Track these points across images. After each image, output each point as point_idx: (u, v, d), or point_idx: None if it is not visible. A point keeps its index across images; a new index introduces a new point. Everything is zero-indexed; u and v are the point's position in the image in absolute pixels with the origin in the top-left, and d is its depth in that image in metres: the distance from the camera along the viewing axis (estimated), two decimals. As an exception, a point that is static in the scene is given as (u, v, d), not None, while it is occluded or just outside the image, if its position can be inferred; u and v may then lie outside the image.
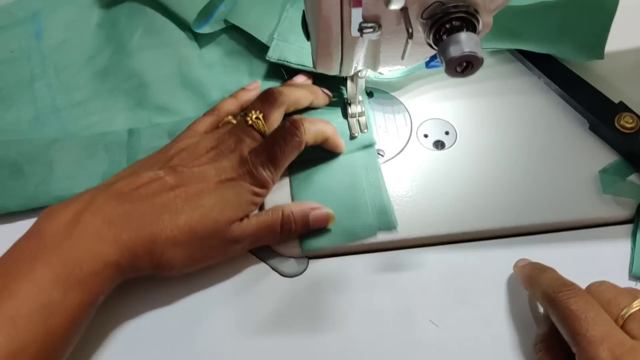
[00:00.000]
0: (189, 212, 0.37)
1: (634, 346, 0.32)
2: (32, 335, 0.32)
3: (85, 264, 0.34)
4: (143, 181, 0.38)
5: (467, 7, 0.29)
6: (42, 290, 0.33)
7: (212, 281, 0.42)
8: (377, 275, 0.42)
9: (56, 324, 0.33)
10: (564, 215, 0.44)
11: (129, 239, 0.36)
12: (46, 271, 0.33)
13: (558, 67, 0.50)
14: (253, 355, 0.39)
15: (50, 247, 0.34)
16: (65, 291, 0.33)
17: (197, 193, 0.38)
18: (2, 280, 0.33)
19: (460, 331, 0.40)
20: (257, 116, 0.42)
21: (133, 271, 0.37)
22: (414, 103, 0.50)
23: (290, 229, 0.41)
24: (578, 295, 0.34)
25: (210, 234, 0.38)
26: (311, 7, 0.34)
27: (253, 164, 0.40)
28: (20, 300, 0.32)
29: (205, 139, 0.42)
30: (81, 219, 0.35)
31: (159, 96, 0.50)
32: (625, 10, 0.52)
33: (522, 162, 0.46)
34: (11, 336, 0.31)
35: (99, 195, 0.37)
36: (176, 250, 0.37)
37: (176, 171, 0.39)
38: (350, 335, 0.40)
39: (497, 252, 0.43)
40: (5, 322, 0.31)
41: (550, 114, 0.49)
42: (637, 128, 0.45)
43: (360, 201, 0.43)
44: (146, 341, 0.39)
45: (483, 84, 0.50)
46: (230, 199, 0.39)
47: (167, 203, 0.37)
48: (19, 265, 0.34)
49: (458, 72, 0.30)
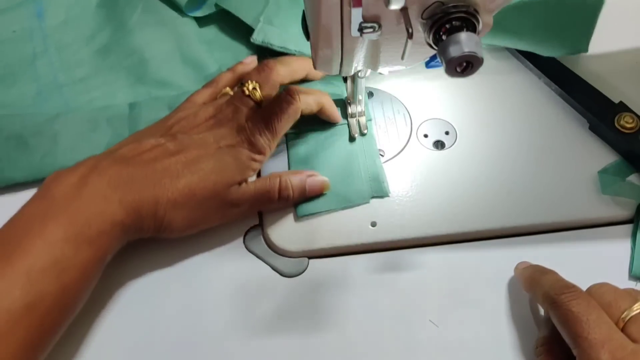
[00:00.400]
0: (189, 176, 0.39)
1: (634, 349, 0.32)
2: (47, 289, 0.33)
3: (93, 223, 0.36)
4: (145, 147, 0.40)
5: (467, 7, 0.29)
6: (54, 248, 0.34)
7: (212, 281, 0.42)
8: (377, 275, 0.42)
9: (69, 280, 0.35)
10: (564, 215, 0.44)
11: (133, 200, 0.37)
12: (57, 229, 0.35)
13: (558, 67, 0.50)
14: (253, 355, 0.39)
15: (60, 207, 0.36)
16: (76, 248, 0.35)
17: (197, 158, 0.40)
18: (15, 238, 0.34)
19: (460, 331, 0.40)
20: (253, 86, 0.43)
21: (137, 232, 0.39)
22: (414, 103, 0.50)
23: (288, 196, 0.43)
24: (579, 298, 0.34)
25: (209, 196, 0.40)
26: (311, 7, 0.34)
27: (251, 131, 0.42)
28: (34, 257, 0.34)
29: (204, 108, 0.44)
30: (88, 181, 0.37)
31: (158, 72, 0.52)
32: (625, 10, 0.52)
33: (522, 162, 0.46)
34: (27, 290, 0.33)
35: (103, 160, 0.39)
36: (176, 213, 0.39)
37: (176, 138, 0.41)
38: (350, 335, 0.40)
39: (497, 252, 0.43)
40: (21, 277, 0.33)
41: (549, 113, 0.49)
42: (637, 128, 0.45)
43: (354, 169, 0.45)
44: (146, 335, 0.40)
45: (483, 84, 0.51)
46: (228, 163, 0.41)
47: (167, 168, 0.39)
48: (30, 224, 0.35)
49: (458, 72, 0.30)
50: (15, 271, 0.33)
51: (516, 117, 0.49)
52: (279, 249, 0.43)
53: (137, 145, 0.40)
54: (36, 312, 0.33)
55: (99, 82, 0.52)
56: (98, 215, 0.36)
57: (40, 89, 0.51)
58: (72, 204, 0.36)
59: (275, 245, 0.43)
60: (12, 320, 0.32)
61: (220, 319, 0.40)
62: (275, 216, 0.44)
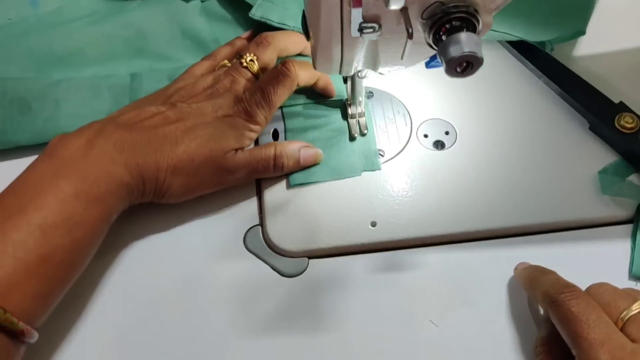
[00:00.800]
0: (187, 142, 0.41)
1: (634, 349, 0.32)
2: (60, 243, 0.35)
3: (102, 182, 0.37)
4: (146, 115, 0.41)
5: (467, 7, 0.29)
6: (66, 204, 0.35)
7: (212, 281, 0.42)
8: (377, 275, 0.42)
9: (79, 235, 0.36)
10: (563, 215, 0.44)
11: (137, 164, 0.39)
12: (68, 186, 0.36)
13: (558, 67, 0.50)
14: (253, 355, 0.39)
15: (69, 166, 0.37)
16: (86, 205, 0.36)
17: (195, 125, 0.41)
18: (28, 194, 0.35)
19: (460, 331, 0.40)
20: (251, 58, 0.45)
21: (140, 195, 0.40)
22: (414, 103, 0.50)
23: (282, 165, 0.44)
24: (579, 297, 0.34)
25: (206, 162, 0.41)
26: (311, 7, 0.34)
27: (248, 102, 0.43)
28: (47, 212, 0.35)
29: (203, 79, 0.45)
30: (95, 143, 0.38)
31: (158, 45, 0.53)
32: (625, 10, 0.52)
33: (522, 162, 0.46)
34: (40, 242, 0.34)
35: (107, 125, 0.40)
36: (175, 178, 0.40)
37: (176, 107, 0.42)
38: (350, 335, 0.40)
39: (497, 252, 0.43)
40: (35, 230, 0.34)
41: (550, 113, 0.49)
42: (637, 128, 0.45)
43: (347, 143, 0.47)
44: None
45: (483, 84, 0.51)
46: (225, 131, 0.42)
47: (167, 134, 0.40)
48: (41, 181, 0.36)
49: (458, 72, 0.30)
50: (29, 224, 0.34)
51: (516, 117, 0.49)
52: (279, 249, 0.43)
53: (138, 112, 0.41)
54: (49, 264, 0.34)
55: (97, 53, 0.52)
56: (106, 176, 0.37)
57: (39, 63, 0.51)
58: (81, 164, 0.37)
59: (275, 245, 0.43)
60: (27, 270, 0.33)
61: (220, 319, 0.40)
62: (275, 216, 0.44)
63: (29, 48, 0.51)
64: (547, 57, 0.51)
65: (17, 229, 0.34)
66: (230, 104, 0.43)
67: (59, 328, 0.40)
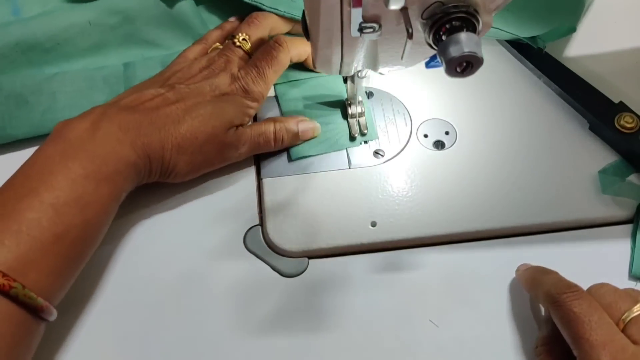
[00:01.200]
0: (190, 121, 0.41)
1: (635, 352, 0.32)
2: (73, 222, 0.35)
3: (110, 162, 0.38)
4: (147, 97, 0.42)
5: (467, 7, 0.29)
6: (76, 184, 0.36)
7: (212, 281, 0.42)
8: (377, 275, 0.42)
9: (91, 214, 0.36)
10: (564, 215, 0.44)
11: (142, 144, 0.39)
12: (78, 167, 0.36)
13: (558, 67, 0.50)
14: (253, 355, 0.39)
15: (77, 147, 0.37)
16: (96, 185, 0.37)
17: (195, 105, 0.42)
18: (38, 176, 0.36)
19: (460, 331, 0.40)
20: (243, 37, 0.47)
21: (147, 175, 0.41)
22: (414, 103, 0.50)
23: (283, 138, 0.46)
24: (582, 298, 0.34)
25: (209, 139, 0.42)
26: (311, 7, 0.34)
27: (244, 79, 0.45)
28: (58, 192, 0.35)
29: (197, 61, 0.46)
30: (100, 125, 0.39)
31: (147, 32, 0.53)
32: (625, 10, 0.52)
33: (522, 162, 0.46)
34: (54, 221, 0.35)
35: (110, 108, 0.40)
36: (180, 157, 0.41)
37: (174, 88, 0.43)
38: (350, 335, 0.40)
39: (497, 252, 0.43)
40: (48, 209, 0.35)
41: (550, 113, 0.49)
42: (637, 128, 0.45)
43: (343, 119, 0.48)
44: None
45: (483, 84, 0.50)
46: (225, 108, 0.43)
47: (169, 114, 0.41)
48: (50, 163, 0.37)
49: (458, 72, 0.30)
50: (42, 203, 0.35)
51: (516, 117, 0.49)
52: (279, 249, 0.43)
53: (138, 95, 0.42)
54: (64, 242, 0.35)
55: (88, 44, 0.52)
56: (113, 156, 0.38)
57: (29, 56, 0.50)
58: (88, 145, 0.38)
59: (275, 245, 0.43)
60: (42, 249, 0.34)
61: (219, 319, 0.40)
62: (275, 216, 0.44)
63: (16, 43, 0.51)
64: (548, 57, 0.51)
65: (30, 209, 0.34)
66: (227, 83, 0.44)
67: (59, 328, 0.40)
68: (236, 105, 0.44)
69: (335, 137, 0.47)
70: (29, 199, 0.35)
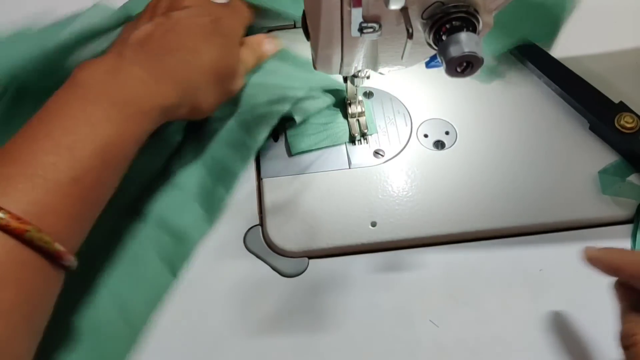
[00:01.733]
0: (207, 53, 0.41)
1: None
2: (91, 164, 0.34)
3: (133, 103, 0.36)
4: (148, 31, 0.41)
5: (468, 7, 0.29)
6: (96, 127, 0.35)
7: (212, 280, 0.42)
8: (377, 275, 0.42)
9: (110, 157, 0.35)
10: (564, 215, 0.44)
11: (166, 83, 0.38)
12: (97, 110, 0.35)
13: (558, 67, 0.50)
14: (253, 355, 0.39)
15: (98, 90, 0.36)
16: (117, 126, 0.35)
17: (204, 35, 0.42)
18: (55, 120, 0.34)
19: (460, 331, 0.40)
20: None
21: (173, 114, 0.40)
22: (414, 103, 0.50)
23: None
24: None
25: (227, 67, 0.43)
26: (311, 7, 0.34)
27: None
28: (76, 135, 0.34)
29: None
30: (121, 66, 0.37)
31: None
32: (625, 10, 0.52)
33: (522, 162, 0.46)
34: (71, 165, 0.33)
35: (125, 50, 0.39)
36: (203, 92, 0.41)
37: (169, 16, 0.42)
38: (350, 335, 0.40)
39: (497, 252, 0.43)
40: (65, 153, 0.33)
41: (550, 113, 0.49)
42: (637, 128, 0.45)
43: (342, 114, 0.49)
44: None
45: (483, 84, 0.50)
46: (228, 35, 0.43)
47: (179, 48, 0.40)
48: (68, 107, 0.35)
49: (458, 72, 0.30)
50: (58, 146, 0.33)
51: (516, 117, 0.49)
52: (279, 249, 0.43)
53: (145, 29, 0.41)
54: (81, 185, 0.33)
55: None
56: (136, 96, 0.37)
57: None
58: (110, 87, 0.36)
59: (275, 245, 0.43)
60: (60, 192, 0.32)
61: (220, 319, 0.40)
62: (275, 216, 0.44)
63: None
64: (548, 57, 0.51)
65: (45, 152, 0.33)
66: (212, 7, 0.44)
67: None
68: (231, 28, 0.44)
69: (336, 134, 0.47)
70: (44, 142, 0.33)
